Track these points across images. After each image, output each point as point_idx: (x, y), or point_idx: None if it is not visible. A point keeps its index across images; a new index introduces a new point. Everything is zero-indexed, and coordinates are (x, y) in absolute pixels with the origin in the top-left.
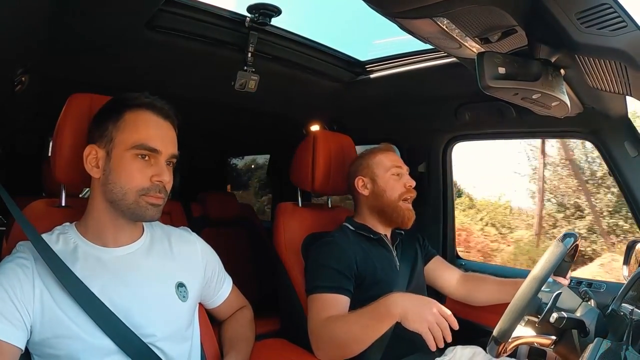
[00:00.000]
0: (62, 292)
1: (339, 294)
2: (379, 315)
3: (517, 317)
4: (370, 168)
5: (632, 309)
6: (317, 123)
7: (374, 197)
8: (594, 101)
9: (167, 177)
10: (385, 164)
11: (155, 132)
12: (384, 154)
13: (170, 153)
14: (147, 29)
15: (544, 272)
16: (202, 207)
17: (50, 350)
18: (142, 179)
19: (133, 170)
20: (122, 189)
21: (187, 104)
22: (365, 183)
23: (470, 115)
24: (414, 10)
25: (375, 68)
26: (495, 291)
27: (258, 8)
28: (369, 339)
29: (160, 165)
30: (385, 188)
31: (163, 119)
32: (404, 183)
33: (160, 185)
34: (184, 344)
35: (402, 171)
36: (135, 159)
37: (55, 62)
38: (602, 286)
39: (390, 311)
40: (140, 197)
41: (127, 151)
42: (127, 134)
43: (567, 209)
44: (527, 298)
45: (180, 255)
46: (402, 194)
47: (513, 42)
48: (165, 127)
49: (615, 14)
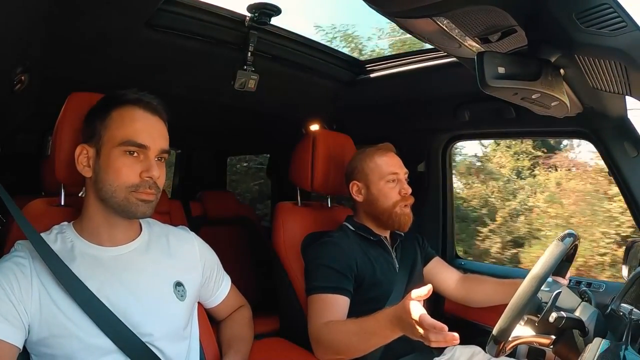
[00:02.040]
0: (61, 291)
1: (339, 294)
2: (382, 333)
3: (517, 316)
4: (365, 174)
5: (631, 309)
6: (317, 122)
7: (367, 203)
8: (593, 101)
9: (156, 172)
10: (380, 170)
11: (142, 128)
12: (381, 158)
13: (159, 148)
14: (146, 28)
15: (543, 271)
16: (201, 206)
17: (48, 349)
18: (131, 175)
19: (121, 166)
20: (111, 186)
21: (187, 103)
22: (360, 188)
23: (470, 115)
24: (414, 9)
25: (375, 68)
26: (494, 292)
27: (258, 7)
28: (370, 349)
29: (149, 161)
30: (379, 196)
31: (151, 113)
32: (399, 190)
33: (151, 181)
34: (182, 343)
35: (399, 177)
36: (123, 156)
37: (54, 60)
38: (601, 286)
39: (394, 329)
40: (130, 194)
41: (115, 148)
42: (114, 131)
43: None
44: (527, 297)
45: (179, 254)
46: (396, 202)
47: (513, 42)
48: (153, 121)
49: (615, 14)
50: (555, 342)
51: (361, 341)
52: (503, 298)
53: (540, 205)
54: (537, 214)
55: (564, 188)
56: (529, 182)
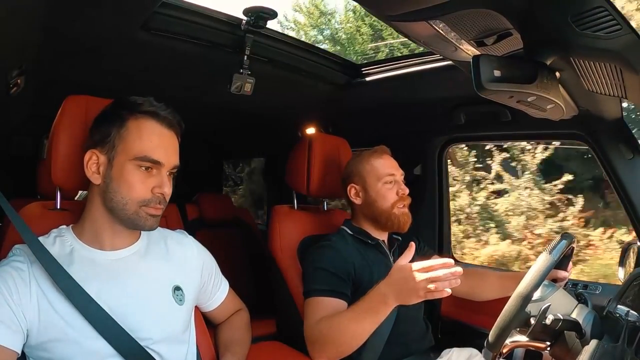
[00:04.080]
0: (59, 296)
1: (336, 297)
2: (375, 308)
3: (505, 333)
4: (362, 176)
5: (628, 311)
6: (313, 126)
7: (366, 205)
8: (589, 104)
9: (168, 189)
10: (377, 172)
11: (158, 143)
12: (377, 160)
13: (172, 164)
14: (142, 31)
15: (528, 290)
16: (197, 209)
17: (47, 354)
18: (144, 190)
19: (135, 181)
20: (123, 198)
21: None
22: (358, 191)
23: (466, 118)
24: (410, 13)
25: (371, 71)
26: (497, 286)
27: (254, 11)
28: (366, 332)
29: (162, 177)
30: (377, 198)
31: (167, 128)
32: (396, 191)
33: (161, 197)
34: (181, 347)
35: (396, 178)
36: (137, 170)
37: (50, 63)
38: (597, 288)
39: (386, 301)
40: (140, 208)
41: (130, 161)
42: (130, 144)
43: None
44: (513, 315)
45: (177, 259)
46: (394, 202)
47: (509, 45)
48: (168, 137)
49: (610, 17)
50: (552, 345)
51: (355, 324)
52: (506, 291)
53: None
54: None
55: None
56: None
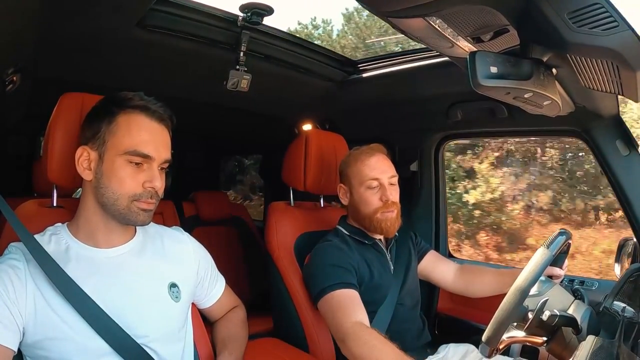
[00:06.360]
0: (55, 293)
1: (349, 288)
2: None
3: (503, 327)
4: (349, 178)
5: (624, 307)
6: (309, 122)
7: (352, 207)
8: (585, 100)
9: (159, 183)
10: (361, 175)
11: (148, 138)
12: (365, 161)
13: (163, 158)
14: (138, 28)
15: (526, 283)
16: (194, 206)
17: (43, 352)
18: (134, 185)
19: (125, 176)
20: (114, 194)
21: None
22: (345, 192)
23: (463, 115)
24: (406, 9)
25: (368, 67)
26: (494, 282)
27: (250, 7)
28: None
29: (152, 171)
30: (360, 202)
31: (157, 122)
32: (379, 196)
33: (153, 191)
34: (177, 344)
35: (381, 181)
36: (127, 165)
37: (46, 61)
38: (594, 284)
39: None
40: (132, 203)
41: (120, 156)
42: (119, 138)
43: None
44: (511, 309)
45: (173, 256)
46: (377, 208)
47: (505, 42)
48: (159, 131)
49: (607, 13)
50: (549, 341)
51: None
52: (503, 288)
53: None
54: None
55: None
56: None
